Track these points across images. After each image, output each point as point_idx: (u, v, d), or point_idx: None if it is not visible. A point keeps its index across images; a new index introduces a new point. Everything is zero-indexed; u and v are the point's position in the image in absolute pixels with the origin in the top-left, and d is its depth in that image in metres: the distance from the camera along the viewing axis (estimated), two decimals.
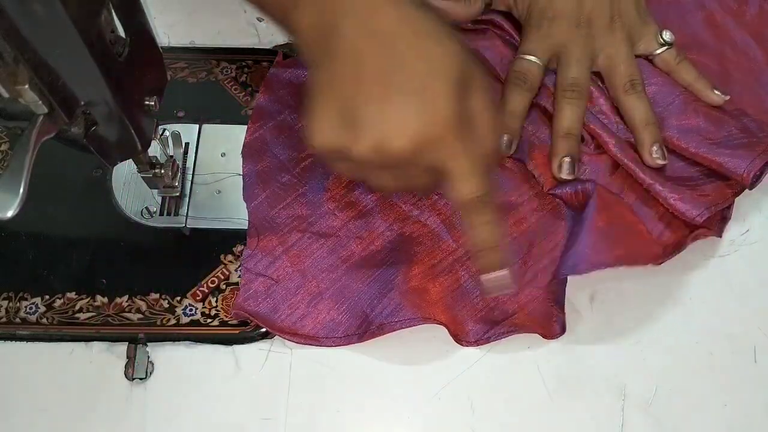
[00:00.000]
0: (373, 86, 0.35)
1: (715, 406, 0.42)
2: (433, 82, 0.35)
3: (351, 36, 0.35)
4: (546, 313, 0.43)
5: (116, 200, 0.47)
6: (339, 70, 0.35)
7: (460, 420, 0.41)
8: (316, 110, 0.37)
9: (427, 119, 0.35)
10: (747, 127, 0.48)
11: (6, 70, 0.29)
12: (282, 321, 0.43)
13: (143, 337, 0.43)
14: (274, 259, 0.44)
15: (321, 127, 0.36)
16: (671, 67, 0.49)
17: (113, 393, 0.42)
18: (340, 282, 0.44)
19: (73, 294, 0.44)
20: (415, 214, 0.46)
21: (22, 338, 0.43)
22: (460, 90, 0.35)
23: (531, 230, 0.45)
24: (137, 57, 0.35)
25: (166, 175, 0.44)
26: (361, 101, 0.35)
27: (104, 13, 0.32)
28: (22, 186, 0.31)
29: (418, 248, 0.45)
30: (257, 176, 0.47)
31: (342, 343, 0.42)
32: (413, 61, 0.35)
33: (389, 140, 0.35)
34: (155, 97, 0.38)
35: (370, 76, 0.35)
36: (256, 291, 0.44)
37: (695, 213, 0.43)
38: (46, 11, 0.28)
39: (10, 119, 0.33)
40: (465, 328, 0.43)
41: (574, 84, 0.47)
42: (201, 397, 0.42)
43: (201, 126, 0.49)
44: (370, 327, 0.43)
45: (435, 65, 0.35)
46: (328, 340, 0.43)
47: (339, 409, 0.42)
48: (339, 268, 0.44)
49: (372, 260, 0.45)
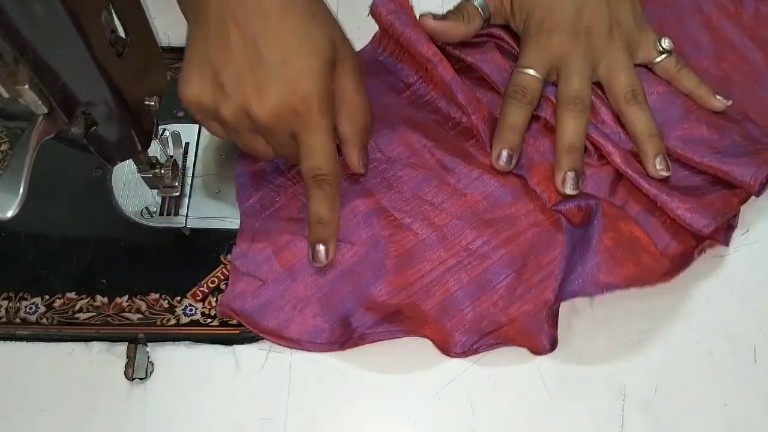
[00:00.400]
0: (242, 55, 0.38)
1: (715, 405, 0.42)
2: (298, 58, 0.39)
3: (227, 3, 0.38)
4: (536, 328, 0.42)
5: (116, 200, 0.47)
6: (213, 33, 0.39)
7: (460, 420, 0.41)
8: (188, 67, 0.40)
9: (286, 92, 0.38)
10: (750, 133, 0.47)
11: (6, 70, 0.29)
12: (267, 323, 0.43)
13: (143, 337, 0.43)
14: (264, 259, 0.44)
15: (191, 83, 0.40)
16: (672, 75, 0.49)
17: (113, 393, 0.42)
18: (327, 287, 0.44)
19: (73, 294, 0.44)
20: (407, 222, 0.45)
21: (22, 338, 0.43)
22: (327, 69, 0.39)
23: (528, 244, 0.45)
24: (137, 57, 0.35)
25: (166, 175, 0.44)
26: (229, 66, 0.39)
27: (104, 13, 0.32)
28: (22, 186, 0.31)
29: (408, 258, 0.44)
30: (251, 177, 0.47)
31: (324, 349, 0.42)
32: (283, 36, 0.38)
33: (250, 106, 0.39)
34: (155, 97, 0.38)
35: (240, 44, 0.38)
36: (243, 291, 0.43)
37: (702, 224, 0.43)
38: (46, 11, 0.28)
39: (10, 119, 0.33)
40: (453, 338, 0.42)
41: (576, 97, 0.47)
42: (201, 397, 0.42)
43: (201, 126, 0.49)
44: (352, 336, 0.42)
45: (304, 43, 0.39)
46: (311, 345, 0.42)
47: (339, 409, 0.42)
48: (327, 273, 0.44)
49: (359, 267, 0.44)
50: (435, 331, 0.42)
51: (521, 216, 0.46)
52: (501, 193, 0.46)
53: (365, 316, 0.43)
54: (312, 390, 0.42)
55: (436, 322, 0.42)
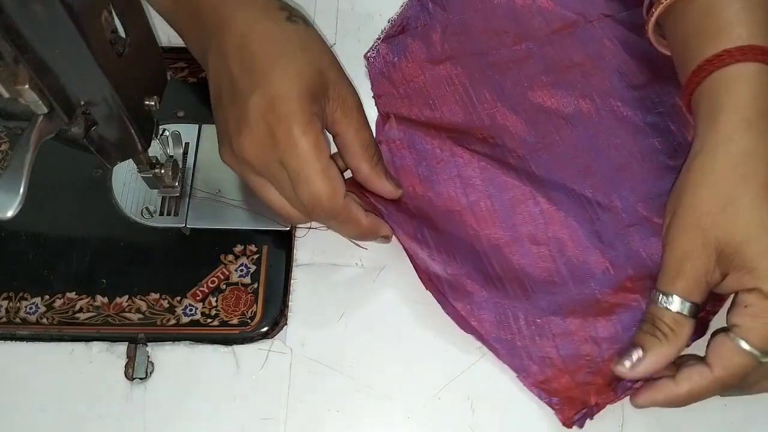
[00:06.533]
0: (227, 93, 0.39)
1: (715, 406, 0.42)
2: (276, 85, 0.37)
3: (215, 52, 0.39)
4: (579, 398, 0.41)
5: (116, 200, 0.47)
6: (211, 86, 0.40)
7: (460, 420, 0.41)
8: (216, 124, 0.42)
9: (261, 120, 0.37)
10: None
11: (6, 70, 0.29)
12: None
13: (143, 337, 0.43)
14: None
15: (219, 146, 0.41)
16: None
17: (113, 393, 0.42)
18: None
19: (73, 294, 0.44)
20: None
21: (22, 338, 0.43)
22: (308, 94, 0.38)
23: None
24: (137, 57, 0.35)
25: (166, 175, 0.44)
26: (219, 114, 0.40)
27: (104, 13, 0.32)
28: (22, 186, 0.31)
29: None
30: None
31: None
32: (266, 67, 0.38)
33: (233, 143, 0.39)
34: (155, 97, 0.38)
35: (228, 86, 0.39)
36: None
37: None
38: (46, 11, 0.28)
39: (10, 119, 0.33)
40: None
41: None
42: (201, 397, 0.42)
43: (201, 126, 0.49)
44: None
45: (288, 70, 0.38)
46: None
47: (339, 409, 0.42)
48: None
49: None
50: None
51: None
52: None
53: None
54: (312, 390, 0.42)
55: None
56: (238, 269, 0.45)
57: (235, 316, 0.44)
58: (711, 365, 0.37)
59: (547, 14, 0.51)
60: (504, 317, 0.43)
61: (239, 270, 0.45)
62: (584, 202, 0.46)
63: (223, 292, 0.44)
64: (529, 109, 0.49)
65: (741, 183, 0.36)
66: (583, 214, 0.45)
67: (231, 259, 0.45)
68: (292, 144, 0.37)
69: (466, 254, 0.44)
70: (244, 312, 0.44)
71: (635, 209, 0.45)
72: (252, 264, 0.45)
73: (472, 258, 0.44)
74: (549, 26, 0.51)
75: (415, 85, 0.50)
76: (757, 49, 0.38)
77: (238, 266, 0.45)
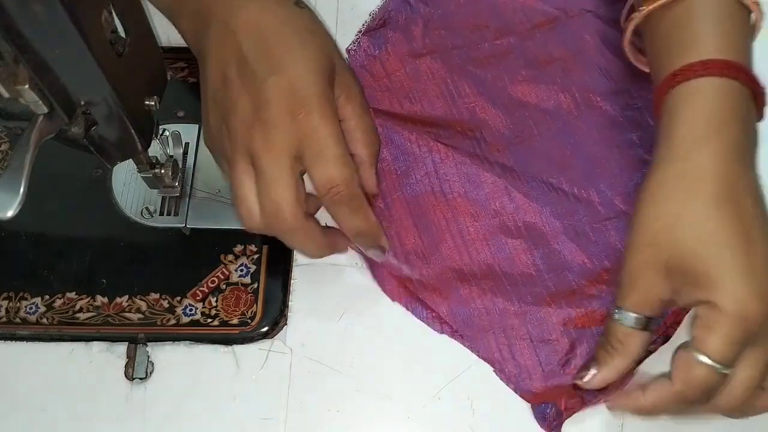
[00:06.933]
0: (238, 86, 0.38)
1: None
2: (293, 66, 0.37)
3: (220, 33, 0.38)
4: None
5: (116, 200, 0.47)
6: (211, 68, 0.39)
7: (460, 420, 0.41)
8: (202, 114, 0.40)
9: (283, 101, 0.37)
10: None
11: (6, 70, 0.29)
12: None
13: (143, 337, 0.43)
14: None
15: (205, 130, 0.41)
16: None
17: (113, 393, 0.42)
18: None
19: (73, 294, 0.44)
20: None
21: (22, 338, 0.43)
22: (324, 76, 0.38)
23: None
24: (137, 57, 0.35)
25: (166, 175, 0.44)
26: (221, 95, 0.39)
27: (104, 13, 0.32)
28: (22, 186, 0.31)
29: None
30: None
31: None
32: (280, 47, 0.38)
33: (253, 126, 0.37)
34: (155, 97, 0.38)
35: (234, 74, 0.38)
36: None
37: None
38: (46, 11, 0.28)
39: (10, 119, 0.33)
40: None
41: None
42: (201, 397, 0.42)
43: (201, 126, 0.49)
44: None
45: (304, 53, 0.38)
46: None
47: (339, 409, 0.42)
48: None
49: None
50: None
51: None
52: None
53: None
54: (312, 390, 0.42)
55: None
56: (238, 269, 0.45)
57: (235, 316, 0.44)
58: (672, 378, 0.37)
59: (528, 10, 0.52)
60: (478, 312, 0.43)
61: (239, 270, 0.45)
62: (561, 195, 0.46)
63: (223, 292, 0.44)
64: (509, 104, 0.49)
65: (689, 200, 0.36)
66: (560, 207, 0.46)
67: (231, 259, 0.45)
68: (313, 127, 0.37)
69: (441, 251, 0.45)
70: (244, 312, 0.44)
71: (612, 203, 0.46)
72: (252, 264, 0.45)
73: (448, 254, 0.45)
74: (530, 21, 0.51)
75: (395, 78, 0.50)
76: (722, 63, 0.37)
77: (238, 266, 0.45)
